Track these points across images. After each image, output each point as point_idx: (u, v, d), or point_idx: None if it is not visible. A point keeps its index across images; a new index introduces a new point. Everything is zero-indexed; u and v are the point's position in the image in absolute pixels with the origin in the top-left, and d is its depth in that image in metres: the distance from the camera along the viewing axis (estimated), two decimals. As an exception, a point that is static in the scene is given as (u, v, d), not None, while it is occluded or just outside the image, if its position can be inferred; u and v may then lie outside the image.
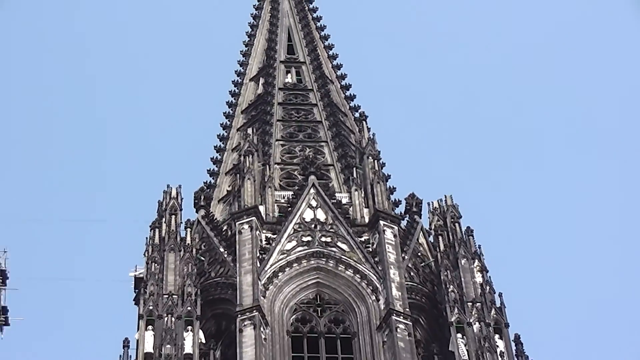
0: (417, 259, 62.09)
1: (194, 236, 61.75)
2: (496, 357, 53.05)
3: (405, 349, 54.08)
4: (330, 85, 74.53)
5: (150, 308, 55.15)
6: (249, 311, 55.03)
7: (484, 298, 56.82)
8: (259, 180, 63.36)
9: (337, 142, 69.31)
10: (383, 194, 63.51)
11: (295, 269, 59.10)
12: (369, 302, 57.33)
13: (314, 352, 56.39)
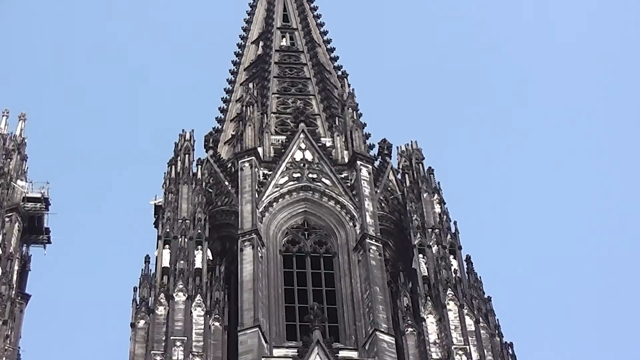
0: (387, 192, 62.54)
1: (204, 172, 62.02)
2: (450, 273, 53.32)
3: (376, 266, 54.46)
4: (317, 48, 74.57)
5: (167, 230, 55.69)
6: (249, 234, 55.33)
7: (441, 225, 57.40)
8: (258, 126, 63.44)
9: (322, 95, 69.41)
10: (360, 139, 63.70)
11: (286, 199, 59.56)
12: (347, 228, 57.90)
13: (301, 268, 56.79)
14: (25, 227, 61.40)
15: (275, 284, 54.96)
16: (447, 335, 50.16)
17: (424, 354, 49.67)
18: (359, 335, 51.80)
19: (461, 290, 52.57)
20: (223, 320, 51.39)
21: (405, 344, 50.43)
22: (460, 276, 53.87)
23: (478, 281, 54.96)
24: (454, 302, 51.66)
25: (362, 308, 53.08)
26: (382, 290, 53.47)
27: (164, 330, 49.61)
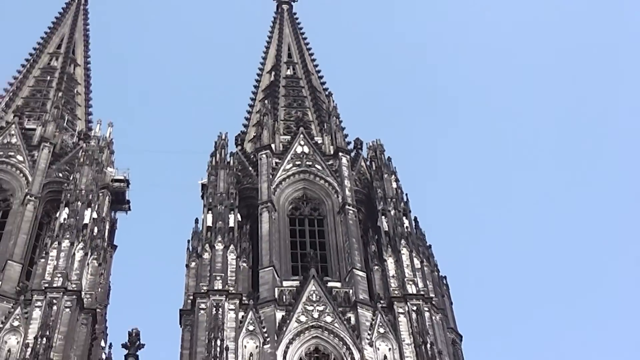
0: (360, 174, 62.27)
1: (235, 161, 62.10)
2: (404, 229, 54.20)
3: (352, 224, 55.52)
4: (311, 76, 73.83)
5: (210, 201, 56.54)
6: (265, 203, 56.34)
7: (397, 196, 57.90)
8: (271, 130, 63.52)
9: (315, 108, 69.28)
10: (341, 138, 64.13)
11: (291, 179, 60.02)
12: (333, 199, 58.59)
13: (301, 226, 57.81)
14: (113, 199, 61.64)
15: (283, 237, 55.68)
16: (401, 271, 50.99)
17: (386, 284, 50.63)
18: (341, 272, 52.75)
19: (411, 240, 53.27)
20: (248, 262, 52.80)
21: (372, 277, 51.64)
22: (410, 231, 54.47)
23: (422, 234, 56.38)
24: (406, 249, 52.38)
25: (343, 253, 53.94)
26: (357, 241, 54.39)
27: (208, 269, 50.61)
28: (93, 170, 59.10)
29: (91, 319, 50.47)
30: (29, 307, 48.26)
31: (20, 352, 45.54)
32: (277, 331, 47.59)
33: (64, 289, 49.07)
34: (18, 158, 60.41)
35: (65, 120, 66.59)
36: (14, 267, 52.03)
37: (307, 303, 49.26)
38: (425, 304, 49.15)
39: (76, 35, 76.36)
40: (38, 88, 68.65)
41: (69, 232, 52.90)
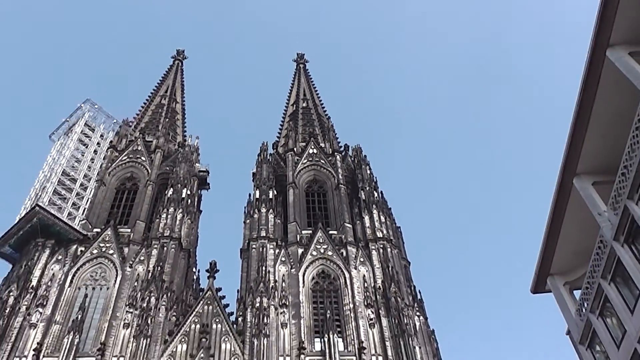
0: (347, 165, 60.66)
1: (272, 159, 61.13)
2: (374, 198, 53.47)
3: (344, 195, 55.34)
4: (317, 107, 72.68)
5: (258, 183, 55.64)
6: (291, 184, 56.36)
7: (370, 178, 56.57)
8: (294, 139, 63.03)
9: (319, 126, 68.01)
10: (336, 143, 63.00)
11: (306, 169, 59.15)
12: (332, 180, 57.91)
13: (312, 197, 56.85)
14: (199, 183, 60.96)
15: (301, 204, 55.18)
16: (373, 224, 50.47)
17: (364, 231, 50.09)
18: (337, 224, 52.35)
19: (379, 205, 52.74)
20: (282, 219, 52.32)
21: (356, 228, 51.10)
22: (378, 199, 53.79)
23: (385, 201, 55.05)
24: (376, 210, 51.93)
25: (338, 213, 53.56)
26: (346, 206, 54.03)
27: (256, 223, 50.37)
28: (187, 166, 58.67)
29: (187, 255, 50.80)
30: (149, 248, 48.40)
31: (145, 275, 45.68)
32: (299, 261, 48.06)
33: (170, 237, 49.32)
34: (142, 159, 60.19)
35: (170, 135, 66.58)
36: (140, 225, 51.84)
37: (317, 243, 49.49)
38: (388, 244, 49.30)
39: (176, 84, 76.66)
40: (153, 117, 68.89)
41: (173, 203, 52.79)
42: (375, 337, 41.32)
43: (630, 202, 18.67)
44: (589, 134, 20.35)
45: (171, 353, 40.64)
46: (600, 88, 19.28)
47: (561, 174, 21.78)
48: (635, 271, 18.66)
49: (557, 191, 22.13)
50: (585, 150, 20.79)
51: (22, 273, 45.17)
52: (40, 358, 39.60)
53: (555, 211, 22.51)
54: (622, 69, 18.31)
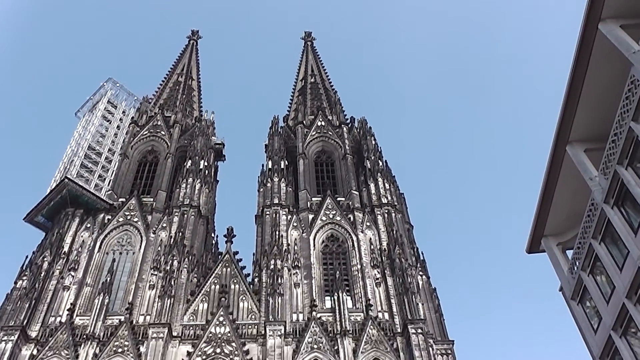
0: (353, 137, 60.13)
1: (283, 132, 60.82)
2: (378, 167, 53.09)
3: (350, 164, 55.19)
4: (325, 82, 71.93)
5: (270, 154, 55.49)
6: (301, 154, 56.14)
7: (375, 148, 56.06)
8: (303, 113, 62.69)
9: (326, 100, 67.47)
10: (342, 116, 62.89)
11: (315, 140, 58.86)
12: (339, 150, 57.61)
13: (321, 166, 56.73)
14: (215, 155, 60.84)
15: (311, 173, 55.09)
16: (378, 190, 50.24)
17: (370, 198, 49.87)
18: (345, 191, 52.19)
19: (383, 173, 52.30)
20: (292, 187, 52.14)
21: (362, 194, 50.94)
22: (383, 168, 53.28)
23: (390, 169, 54.28)
24: (381, 178, 51.55)
25: (345, 181, 53.36)
26: (353, 174, 53.76)
27: (270, 191, 50.29)
28: (204, 139, 58.49)
29: (206, 222, 50.98)
30: (171, 216, 48.65)
31: (168, 240, 46.03)
32: (309, 226, 48.10)
33: (190, 205, 49.45)
34: (162, 133, 60.11)
35: (187, 111, 66.26)
36: (162, 194, 52.05)
37: (326, 210, 49.45)
38: (392, 209, 49.08)
39: (192, 63, 76.15)
40: (171, 94, 68.60)
41: (192, 174, 52.76)
42: (381, 295, 41.70)
43: (620, 167, 18.64)
44: (581, 104, 20.19)
45: (193, 311, 41.21)
46: (593, 60, 19.06)
47: (555, 142, 21.67)
48: (624, 232, 18.69)
49: (551, 158, 22.05)
50: (577, 119, 20.64)
51: (55, 240, 45.65)
52: (74, 317, 40.28)
53: (549, 177, 22.47)
54: (614, 41, 18.07)
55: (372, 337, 38.11)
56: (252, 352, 37.75)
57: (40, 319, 39.82)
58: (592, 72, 19.22)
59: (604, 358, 20.40)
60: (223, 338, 38.53)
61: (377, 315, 40.07)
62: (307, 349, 37.61)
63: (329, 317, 40.03)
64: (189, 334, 39.23)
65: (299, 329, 39.00)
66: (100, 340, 38.21)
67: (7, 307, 40.55)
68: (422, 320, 38.38)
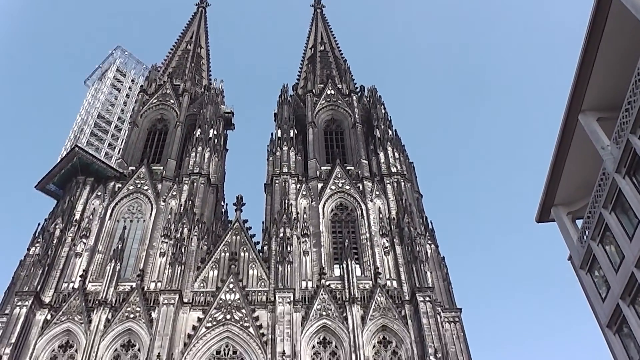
0: (363, 105, 59.54)
1: (292, 100, 60.30)
2: (388, 136, 52.95)
3: (360, 133, 54.99)
4: (334, 50, 71.11)
5: (279, 122, 55.29)
6: (310, 123, 55.96)
7: (385, 116, 55.76)
8: (312, 81, 62.26)
9: (336, 68, 66.83)
10: (352, 84, 62.48)
11: (325, 109, 58.43)
12: (349, 120, 57.35)
13: (330, 135, 56.45)
14: (224, 123, 60.81)
15: (320, 142, 54.83)
16: (387, 159, 50.09)
17: (379, 167, 49.79)
18: (354, 160, 52.11)
19: (393, 142, 52.16)
20: (302, 156, 52.12)
21: (371, 163, 50.83)
22: (393, 137, 53.03)
23: (399, 138, 53.88)
24: (390, 147, 51.42)
25: (355, 150, 53.19)
26: (362, 143, 53.63)
27: (279, 160, 50.31)
28: (213, 107, 58.36)
29: (215, 190, 51.03)
30: (181, 184, 48.88)
31: (178, 208, 46.30)
32: (318, 194, 48.12)
33: (200, 174, 49.65)
34: (171, 102, 60.01)
35: (196, 79, 65.98)
36: (172, 162, 52.20)
37: (335, 179, 49.38)
38: (402, 178, 49.03)
39: (201, 30, 75.57)
40: (180, 62, 68.33)
41: (201, 142, 52.83)
42: (389, 264, 41.89)
43: (633, 136, 18.45)
44: (595, 72, 19.89)
45: (203, 278, 41.67)
46: (607, 28, 18.70)
47: (567, 111, 21.43)
48: (635, 201, 18.61)
49: (563, 127, 21.85)
50: (590, 87, 20.37)
51: (66, 208, 46.03)
52: (86, 283, 40.86)
53: (560, 146, 22.29)
54: (630, 6, 17.68)
55: (381, 305, 38.48)
56: (262, 319, 38.25)
57: (54, 285, 40.44)
58: (607, 39, 18.88)
59: (612, 326, 20.54)
60: (233, 304, 39.04)
61: (385, 283, 40.31)
62: (316, 315, 38.08)
63: (337, 285, 40.35)
64: (200, 301, 39.75)
65: (308, 296, 39.39)
66: (112, 306, 38.84)
67: (20, 273, 41.37)
68: (430, 289, 38.63)
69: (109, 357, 36.52)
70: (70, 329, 37.64)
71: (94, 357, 35.80)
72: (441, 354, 34.39)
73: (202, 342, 37.10)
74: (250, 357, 36.48)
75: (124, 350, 37.02)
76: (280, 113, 57.18)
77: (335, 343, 36.96)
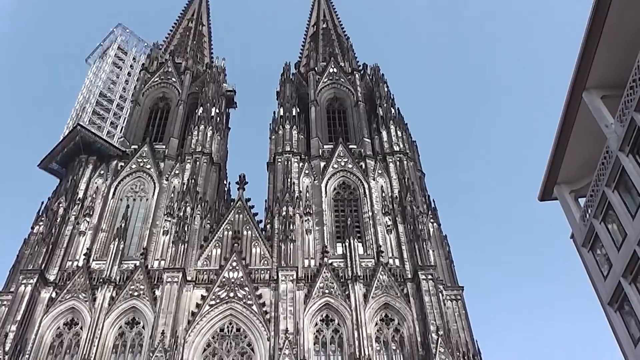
0: (366, 83, 59.12)
1: (294, 78, 59.84)
2: (391, 115, 52.77)
3: (363, 111, 54.78)
4: (337, 28, 70.71)
5: (281, 101, 55.06)
6: (313, 102, 55.66)
7: (387, 95, 55.48)
8: (314, 59, 61.91)
9: (339, 46, 66.33)
10: (355, 63, 62.19)
11: (327, 87, 58.09)
12: (351, 98, 56.99)
13: (333, 114, 56.14)
14: (226, 102, 60.64)
15: (322, 121, 54.44)
16: (390, 138, 49.98)
17: (382, 145, 49.77)
18: (357, 139, 51.94)
19: (396, 121, 51.94)
20: (304, 135, 52.04)
21: (374, 142, 50.76)
22: (395, 115, 52.84)
23: (402, 117, 53.76)
24: (393, 126, 51.26)
25: (357, 129, 53.02)
26: (365, 121, 53.41)
27: (281, 138, 50.28)
28: (215, 86, 58.10)
29: (218, 169, 51.05)
30: (183, 163, 48.99)
31: (180, 187, 46.46)
32: (321, 173, 48.16)
33: (202, 152, 49.69)
34: (173, 80, 59.81)
35: (198, 57, 65.67)
36: (174, 141, 52.15)
37: (338, 157, 49.34)
38: (404, 156, 48.96)
39: (202, 8, 75.04)
40: (182, 40, 68.06)
41: (204, 121, 52.81)
42: (392, 242, 41.99)
43: (637, 114, 18.33)
44: (600, 50, 19.70)
45: (207, 256, 41.92)
46: (613, 4, 18.50)
47: (571, 88, 21.26)
48: (638, 179, 18.57)
49: (567, 105, 21.69)
50: (595, 65, 20.18)
51: (69, 186, 46.17)
52: (90, 262, 41.13)
53: (564, 124, 22.17)
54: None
55: (383, 283, 38.67)
56: (265, 297, 38.52)
57: (58, 263, 40.73)
58: (612, 17, 18.68)
59: (613, 304, 20.64)
60: (236, 283, 39.28)
61: (387, 261, 40.43)
62: (319, 293, 38.32)
63: (340, 263, 40.54)
64: (203, 279, 40.02)
65: (310, 275, 39.59)
66: (116, 284, 39.16)
67: (25, 251, 41.59)
68: (432, 267, 38.77)
69: (113, 334, 36.96)
70: (75, 306, 38.01)
71: (99, 334, 36.22)
72: (443, 331, 34.59)
73: (206, 320, 37.46)
74: (254, 334, 36.85)
75: (129, 327, 37.42)
76: (282, 91, 56.79)
77: (338, 321, 37.23)
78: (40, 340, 36.43)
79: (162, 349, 34.24)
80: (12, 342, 34.66)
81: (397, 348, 35.92)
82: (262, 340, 36.32)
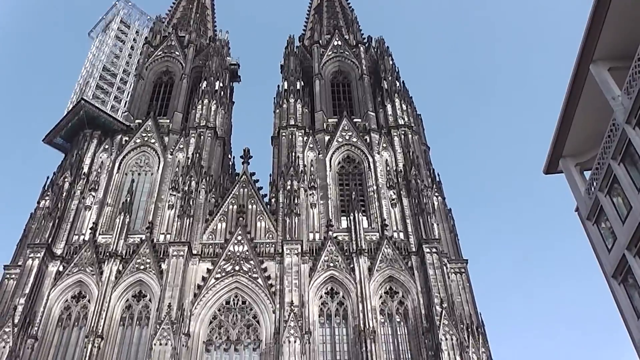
0: (370, 56, 58.82)
1: (299, 51, 59.55)
2: (396, 88, 52.33)
3: (367, 84, 54.65)
4: (342, 1, 69.67)
5: (285, 75, 54.66)
6: (317, 75, 55.57)
7: (392, 68, 54.96)
8: (319, 32, 61.59)
9: (343, 18, 65.70)
10: (359, 35, 61.57)
11: (331, 61, 57.64)
12: (356, 71, 56.52)
13: (338, 87, 55.96)
14: (230, 76, 60.35)
15: (327, 94, 54.27)
16: (395, 111, 49.65)
17: (386, 119, 49.41)
18: (361, 113, 51.72)
19: (401, 94, 51.54)
20: (309, 108, 51.84)
21: (379, 116, 50.50)
22: (400, 88, 52.45)
23: (407, 90, 53.30)
24: (398, 99, 50.91)
25: (362, 102, 52.71)
26: (369, 95, 53.11)
27: (286, 112, 50.08)
28: (219, 59, 57.78)
29: (222, 143, 51.00)
30: (187, 137, 48.99)
31: (185, 161, 46.54)
32: (325, 147, 48.11)
33: (206, 126, 49.63)
34: (176, 53, 59.55)
35: (201, 30, 65.13)
36: (178, 115, 52.13)
37: (342, 131, 49.23)
38: (409, 130, 48.82)
39: (205, -20, 74.26)
40: (185, 13, 67.62)
41: (207, 95, 52.61)
42: (396, 216, 42.12)
43: (645, 87, 18.14)
44: (607, 22, 19.37)
45: (212, 230, 42.16)
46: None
47: (578, 60, 21.00)
48: (645, 152, 18.44)
49: (573, 77, 21.43)
50: (602, 37, 19.87)
51: (74, 161, 46.29)
52: (97, 236, 41.46)
53: (570, 96, 21.94)
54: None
55: (387, 256, 38.90)
56: (270, 270, 38.83)
57: (64, 237, 41.07)
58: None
59: (617, 276, 20.68)
60: (242, 256, 39.59)
61: (392, 235, 40.61)
62: (324, 267, 38.61)
63: (344, 237, 40.69)
64: (209, 252, 40.33)
65: (315, 248, 39.83)
66: (122, 258, 39.53)
67: (31, 225, 41.98)
68: (436, 240, 38.95)
69: (121, 307, 37.45)
70: (82, 280, 38.46)
71: (106, 307, 36.68)
72: (447, 304, 34.87)
73: (212, 293, 37.84)
74: (259, 307, 37.24)
75: (135, 300, 37.89)
76: (286, 65, 56.43)
77: (343, 293, 37.56)
78: (48, 313, 36.96)
79: (169, 321, 34.66)
80: (20, 315, 35.12)
81: (401, 320, 36.32)
82: (267, 313, 36.74)
